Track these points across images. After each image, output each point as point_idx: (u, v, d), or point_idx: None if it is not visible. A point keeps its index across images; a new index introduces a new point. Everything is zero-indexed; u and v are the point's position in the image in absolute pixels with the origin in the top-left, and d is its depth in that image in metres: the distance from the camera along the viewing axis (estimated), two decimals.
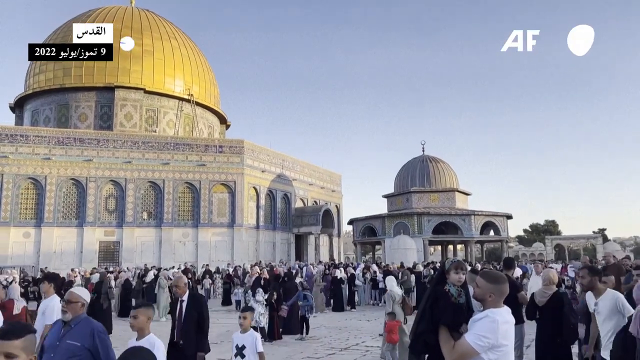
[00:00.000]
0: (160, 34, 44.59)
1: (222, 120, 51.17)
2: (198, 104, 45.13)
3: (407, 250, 32.56)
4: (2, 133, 32.82)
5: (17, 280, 18.73)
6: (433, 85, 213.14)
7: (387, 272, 17.80)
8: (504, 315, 2.92)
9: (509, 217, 42.71)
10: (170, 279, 17.75)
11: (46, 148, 33.20)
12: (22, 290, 17.62)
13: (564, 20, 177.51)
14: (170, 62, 43.78)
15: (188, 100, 44.06)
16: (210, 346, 6.05)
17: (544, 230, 78.54)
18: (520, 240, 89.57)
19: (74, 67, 41.21)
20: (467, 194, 44.41)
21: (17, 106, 45.33)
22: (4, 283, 17.90)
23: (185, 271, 22.50)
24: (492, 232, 42.29)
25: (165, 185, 35.43)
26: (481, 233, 40.38)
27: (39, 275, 23.75)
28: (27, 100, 44.15)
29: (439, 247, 53.46)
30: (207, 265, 27.76)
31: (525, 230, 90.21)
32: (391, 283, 9.59)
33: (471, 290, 3.29)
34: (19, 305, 7.29)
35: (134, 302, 16.27)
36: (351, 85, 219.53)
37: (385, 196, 45.43)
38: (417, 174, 42.43)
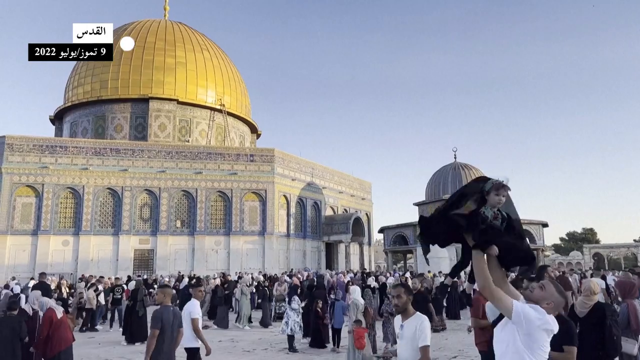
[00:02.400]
0: (193, 46, 45.60)
1: (253, 129, 51.78)
2: (229, 113, 45.83)
3: (440, 259, 32.11)
4: (43, 144, 34.05)
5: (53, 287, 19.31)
6: (464, 91, 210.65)
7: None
8: (553, 322, 2.87)
9: (545, 225, 41.64)
10: (248, 286, 18.20)
11: (84, 158, 34.25)
12: (67, 297, 18.24)
13: (598, 23, 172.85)
14: (202, 73, 44.69)
15: (220, 111, 44.80)
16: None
17: (582, 239, 76.24)
18: (556, 249, 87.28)
19: (110, 80, 42.54)
20: None
21: (57, 118, 47.03)
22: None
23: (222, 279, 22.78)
24: (527, 241, 41.30)
25: (198, 194, 36.01)
26: None
27: (77, 282, 24.46)
28: (66, 112, 45.75)
29: None
30: (236, 273, 28.02)
31: (562, 239, 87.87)
32: (356, 293, 10.49)
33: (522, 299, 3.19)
34: (59, 311, 7.53)
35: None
36: (381, 92, 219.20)
37: (416, 204, 44.99)
38: (449, 181, 41.89)
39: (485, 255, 2.98)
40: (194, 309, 6.89)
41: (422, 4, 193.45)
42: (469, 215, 3.11)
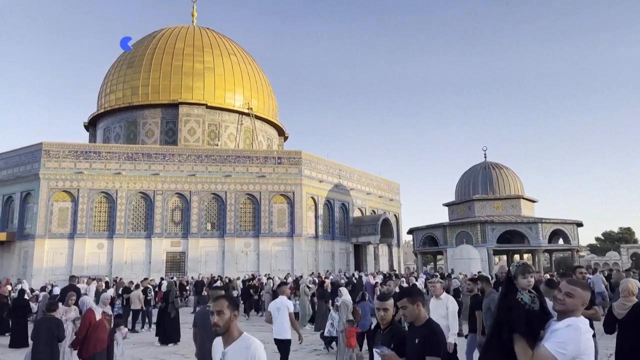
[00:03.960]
0: (221, 51, 46.24)
1: (280, 132, 52.11)
2: (257, 117, 46.25)
3: (471, 260, 31.63)
4: (78, 150, 35.05)
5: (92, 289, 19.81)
6: (493, 89, 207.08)
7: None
8: (586, 324, 2.80)
9: (580, 224, 40.52)
10: (309, 287, 18.45)
11: (117, 163, 35.10)
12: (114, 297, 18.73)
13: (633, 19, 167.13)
14: (230, 77, 45.25)
15: (247, 114, 45.26)
16: None
17: (619, 239, 73.82)
18: (592, 249, 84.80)
19: (141, 86, 43.52)
20: (533, 201, 42.66)
21: (91, 125, 48.33)
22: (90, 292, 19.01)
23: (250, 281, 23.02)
24: (561, 241, 40.28)
25: (227, 196, 36.44)
26: (549, 242, 38.57)
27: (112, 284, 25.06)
28: (99, 119, 46.99)
29: (504, 257, 51.45)
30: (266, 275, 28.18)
31: (597, 239, 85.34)
32: (344, 294, 11.07)
33: (549, 303, 3.14)
34: (98, 312, 7.74)
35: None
36: (408, 92, 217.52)
37: (446, 205, 44.48)
38: (480, 181, 41.26)
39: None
40: (290, 304, 8.24)
41: (447, 1, 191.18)
42: (512, 311, 3.17)
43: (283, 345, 7.90)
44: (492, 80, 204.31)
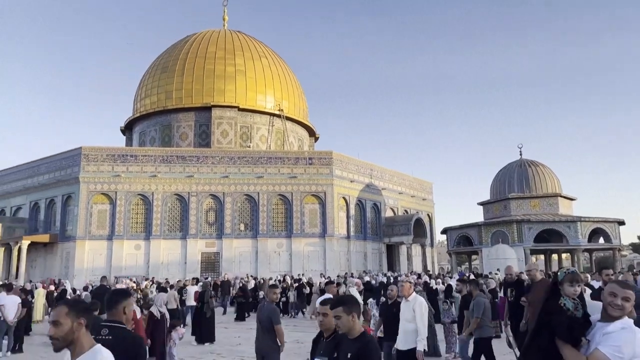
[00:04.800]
0: (252, 54, 46.74)
1: (311, 132, 52.26)
2: (288, 118, 46.52)
3: (507, 260, 30.91)
4: (115, 154, 36.04)
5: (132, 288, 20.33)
6: (528, 85, 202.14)
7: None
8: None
9: (621, 222, 39.12)
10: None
11: (152, 166, 35.91)
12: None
13: None
14: (261, 80, 45.69)
15: (278, 116, 45.59)
16: None
17: None
18: (634, 248, 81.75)
19: (175, 90, 44.43)
20: (571, 199, 41.46)
21: (127, 129, 49.63)
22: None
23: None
24: (601, 240, 38.99)
25: (260, 197, 36.78)
26: (589, 241, 37.40)
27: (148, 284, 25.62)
28: (135, 123, 48.20)
29: (542, 257, 50.16)
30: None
31: None
32: (355, 294, 10.82)
33: (592, 304, 3.07)
34: (138, 312, 7.98)
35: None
36: (440, 90, 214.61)
37: (480, 203, 43.70)
38: (515, 179, 40.36)
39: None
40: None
41: None
42: (554, 316, 3.13)
43: None
44: (527, 76, 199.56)
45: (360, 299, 15.80)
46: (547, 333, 3.05)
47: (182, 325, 11.24)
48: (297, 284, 22.91)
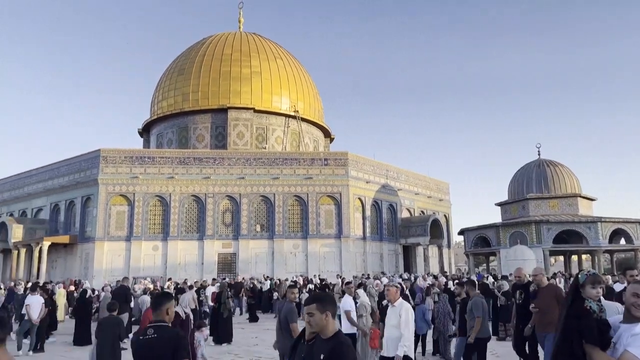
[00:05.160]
0: (267, 55, 46.94)
1: (326, 133, 52.27)
2: (303, 119, 46.61)
3: (526, 261, 30.57)
4: (133, 156, 36.47)
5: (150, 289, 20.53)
6: (547, 84, 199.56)
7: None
8: None
9: None
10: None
11: (170, 168, 36.25)
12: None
13: None
14: (276, 81, 45.86)
15: (294, 117, 45.69)
16: None
17: None
18: None
19: (192, 92, 44.83)
20: (591, 199, 40.80)
21: (145, 131, 50.20)
22: (138, 292, 19.75)
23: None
24: (622, 241, 38.27)
25: (276, 198, 36.88)
26: (610, 242, 36.74)
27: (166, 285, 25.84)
28: (152, 125, 48.73)
29: (561, 258, 49.43)
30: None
31: None
32: (362, 295, 10.94)
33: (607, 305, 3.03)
34: None
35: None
36: (456, 90, 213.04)
37: (498, 204, 43.24)
38: (534, 180, 39.86)
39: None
40: (345, 303, 9.17)
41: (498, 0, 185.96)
42: (581, 319, 3.09)
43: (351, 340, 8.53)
44: (546, 76, 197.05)
45: (370, 302, 15.80)
46: (578, 338, 2.99)
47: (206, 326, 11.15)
48: (320, 284, 22.84)
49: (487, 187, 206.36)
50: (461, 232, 44.25)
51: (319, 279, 29.03)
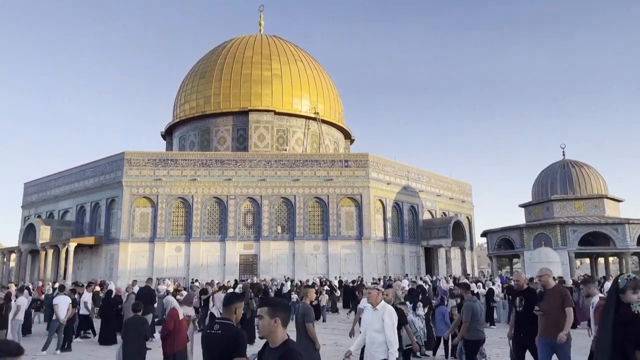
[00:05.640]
0: (287, 58, 47.17)
1: (346, 135, 52.25)
2: (323, 121, 46.67)
3: (550, 264, 29.97)
4: (157, 158, 37.02)
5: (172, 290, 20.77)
6: (570, 83, 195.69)
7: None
8: None
9: None
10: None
11: (192, 170, 36.69)
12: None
13: None
14: (297, 83, 46.04)
15: (314, 119, 45.79)
16: None
17: None
18: None
19: (213, 95, 45.31)
20: (618, 201, 39.88)
21: (167, 134, 50.91)
22: (163, 293, 20.01)
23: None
24: None
25: (296, 200, 36.99)
26: (638, 244, 35.81)
27: (190, 286, 26.13)
28: (175, 128, 49.39)
29: (587, 260, 48.39)
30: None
31: None
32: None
33: None
34: (181, 313, 8.12)
35: None
36: (478, 90, 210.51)
37: (522, 205, 42.58)
38: (558, 181, 39.13)
39: None
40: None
41: None
42: (631, 326, 3.03)
43: None
44: (569, 74, 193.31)
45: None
46: (631, 346, 2.92)
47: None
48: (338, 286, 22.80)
49: (510, 189, 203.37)
50: (484, 234, 43.71)
51: (338, 280, 29.04)
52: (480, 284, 20.33)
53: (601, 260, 45.70)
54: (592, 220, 35.97)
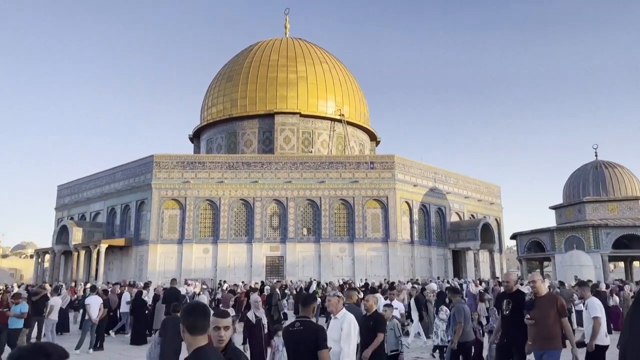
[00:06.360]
0: (313, 60, 47.28)
1: (372, 136, 52.02)
2: (349, 122, 46.57)
3: (583, 267, 29.28)
4: (185, 161, 37.58)
5: (200, 290, 21.05)
6: (603, 81, 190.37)
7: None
8: None
9: None
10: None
11: (219, 172, 37.10)
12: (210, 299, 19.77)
13: None
14: (322, 85, 46.08)
15: (339, 120, 45.74)
16: None
17: None
18: None
19: (240, 98, 45.73)
20: None
21: (195, 137, 51.60)
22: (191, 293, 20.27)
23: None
24: None
25: (322, 202, 37.00)
26: None
27: (217, 287, 26.43)
28: (202, 131, 50.04)
29: (621, 264, 46.98)
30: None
31: None
32: (379, 298, 11.36)
33: None
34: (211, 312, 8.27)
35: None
36: (507, 89, 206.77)
37: (552, 207, 41.62)
38: (591, 182, 38.11)
39: None
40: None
41: None
42: None
43: None
44: (602, 72, 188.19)
45: (429, 307, 15.47)
46: None
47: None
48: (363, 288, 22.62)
49: (540, 190, 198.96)
50: (513, 237, 42.87)
51: (364, 282, 28.79)
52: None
53: (636, 263, 44.40)
54: (626, 223, 34.88)
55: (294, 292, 24.98)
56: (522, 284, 23.19)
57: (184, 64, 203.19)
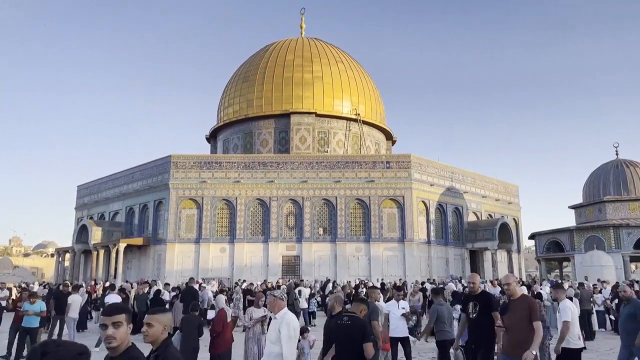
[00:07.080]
0: (328, 60, 47.29)
1: (388, 136, 51.83)
2: (364, 122, 46.48)
3: (603, 268, 28.81)
4: (202, 161, 37.90)
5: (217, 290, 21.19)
6: (624, 79, 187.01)
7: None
8: None
9: None
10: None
11: (236, 172, 37.34)
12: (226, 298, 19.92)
13: None
14: (338, 85, 46.07)
15: (355, 120, 45.68)
16: None
17: None
18: None
19: (256, 99, 45.97)
20: None
21: (212, 137, 52.02)
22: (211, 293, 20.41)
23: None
24: None
25: (338, 202, 36.99)
26: None
27: (234, 286, 26.58)
28: (219, 131, 50.42)
29: None
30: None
31: None
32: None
33: None
34: (229, 314, 8.35)
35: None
36: (525, 88, 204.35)
37: (572, 207, 41.03)
38: (611, 181, 37.47)
39: None
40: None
41: None
42: None
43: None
44: (622, 70, 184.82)
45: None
46: None
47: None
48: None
49: (559, 190, 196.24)
50: (532, 237, 42.38)
51: (381, 282, 28.75)
52: (524, 287, 19.62)
53: None
54: None
55: (321, 291, 24.99)
56: (540, 285, 22.92)
57: (202, 65, 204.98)
